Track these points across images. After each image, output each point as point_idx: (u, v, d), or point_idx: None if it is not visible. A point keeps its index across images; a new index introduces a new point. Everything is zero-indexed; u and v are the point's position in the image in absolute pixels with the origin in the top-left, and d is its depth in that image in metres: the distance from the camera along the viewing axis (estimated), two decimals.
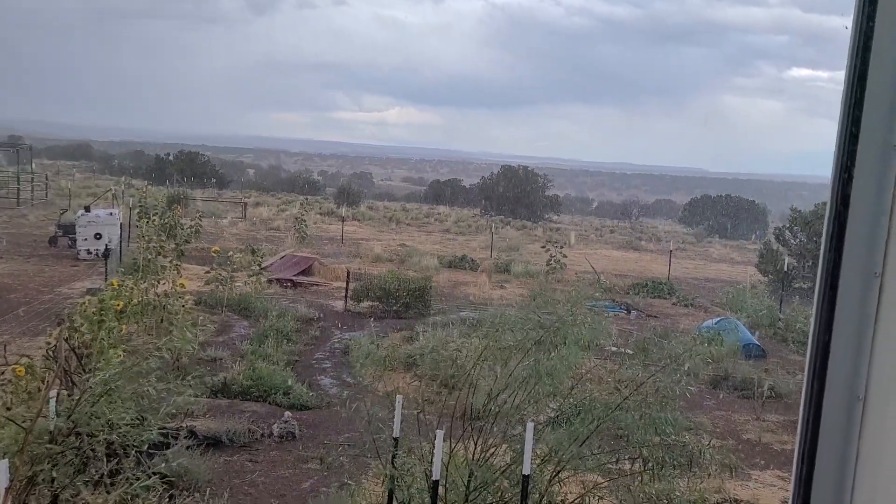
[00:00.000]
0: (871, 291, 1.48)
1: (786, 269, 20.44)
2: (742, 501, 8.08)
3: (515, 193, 50.62)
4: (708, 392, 12.82)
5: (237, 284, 16.78)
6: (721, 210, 53.67)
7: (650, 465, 5.70)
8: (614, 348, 11.49)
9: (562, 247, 25.66)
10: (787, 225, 24.63)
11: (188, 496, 7.40)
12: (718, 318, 17.33)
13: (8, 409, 5.22)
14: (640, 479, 5.89)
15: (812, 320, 1.54)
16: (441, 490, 5.90)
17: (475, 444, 6.15)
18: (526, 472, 5.02)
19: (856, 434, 1.51)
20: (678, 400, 6.40)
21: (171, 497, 7.19)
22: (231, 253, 17.87)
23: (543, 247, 25.68)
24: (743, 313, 18.75)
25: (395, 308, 17.19)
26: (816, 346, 1.53)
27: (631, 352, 11.06)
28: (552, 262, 24.60)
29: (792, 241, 23.81)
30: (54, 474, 5.14)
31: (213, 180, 56.31)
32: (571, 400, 6.07)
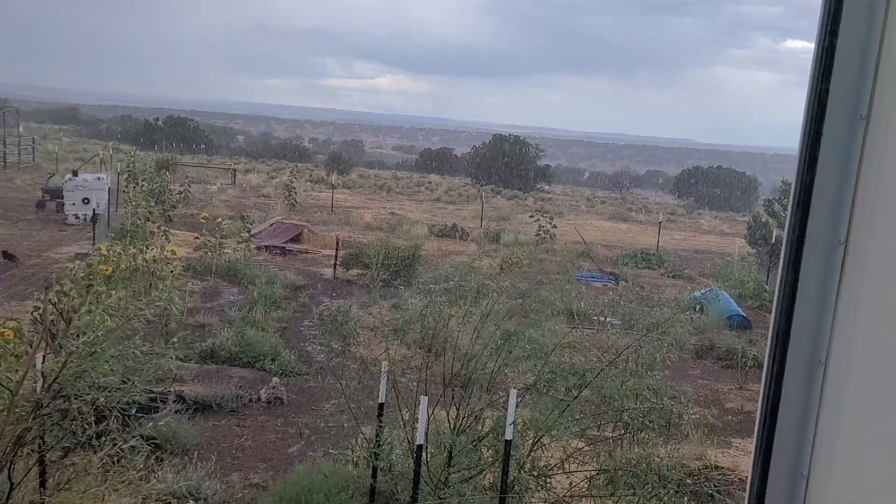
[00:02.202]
0: (835, 258, 1.52)
1: (774, 241, 20.59)
2: (722, 467, 8.24)
3: (506, 163, 50.46)
4: (693, 362, 12.98)
5: (226, 251, 16.75)
6: (712, 182, 53.77)
7: (630, 430, 5.81)
8: (601, 318, 11.62)
9: (552, 217, 25.71)
10: (777, 197, 24.75)
11: (177, 458, 7.49)
12: (705, 289, 17.49)
13: None
14: (620, 444, 6.01)
15: (776, 285, 1.58)
16: (425, 455, 6.00)
17: (458, 411, 6.24)
18: (508, 437, 5.11)
19: (816, 397, 1.56)
20: (662, 368, 6.51)
21: (158, 459, 7.27)
22: (220, 219, 17.81)
23: (532, 216, 25.72)
24: (730, 284, 18.90)
25: (383, 276, 17.23)
26: (780, 310, 1.56)
27: (617, 321, 11.20)
28: (541, 232, 24.67)
29: (781, 213, 23.95)
30: (41, 435, 5.18)
31: (203, 146, 55.89)
32: (554, 367, 6.15)
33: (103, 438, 5.40)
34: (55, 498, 5.33)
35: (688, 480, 5.63)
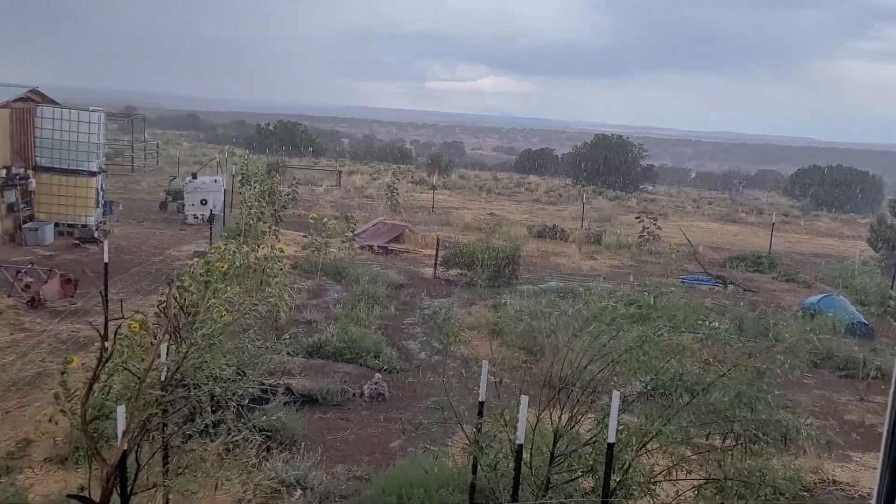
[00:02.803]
0: None
1: None
2: (841, 482, 7.78)
3: (609, 163, 49.42)
4: (808, 371, 12.33)
5: (331, 250, 17.30)
6: (831, 181, 50.67)
7: (742, 440, 5.59)
8: (708, 322, 11.20)
9: (655, 218, 25.03)
10: None
11: (285, 449, 7.80)
12: (822, 295, 16.55)
13: (123, 360, 5.64)
14: (730, 454, 5.78)
15: None
16: (526, 455, 5.99)
17: (561, 412, 6.19)
18: (611, 440, 5.03)
19: None
20: (775, 377, 6.22)
21: (268, 449, 7.61)
22: (326, 220, 18.39)
23: (636, 217, 25.12)
24: (850, 290, 17.81)
25: (483, 276, 17.30)
26: None
27: (725, 326, 10.77)
28: (645, 233, 24.06)
29: None
30: (165, 422, 5.54)
31: (310, 149, 57.77)
32: (661, 374, 5.99)
33: (219, 427, 5.71)
34: (176, 480, 5.67)
35: (804, 493, 5.35)
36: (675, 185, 61.50)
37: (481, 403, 6.22)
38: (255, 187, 20.84)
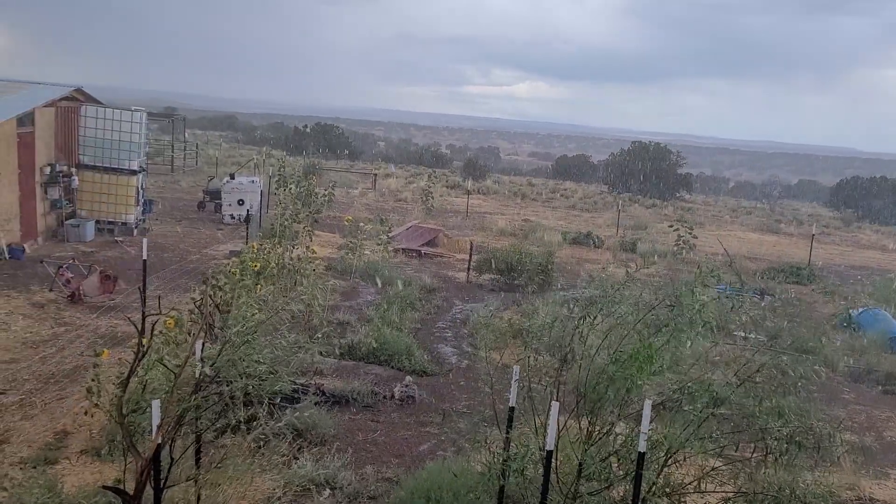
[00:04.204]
0: None
1: None
2: (878, 500, 7.59)
3: (645, 170, 48.98)
4: (847, 385, 12.06)
5: (366, 252, 17.41)
6: (874, 193, 49.50)
7: (773, 452, 5.49)
8: (742, 334, 11.05)
9: (691, 227, 24.72)
10: None
11: (315, 448, 7.87)
12: (863, 308, 16.17)
13: (159, 356, 5.76)
14: (763, 466, 5.68)
15: None
16: (555, 462, 5.96)
17: (590, 420, 6.14)
18: (641, 449, 4.98)
19: None
20: (808, 389, 6.10)
21: (299, 448, 7.68)
22: (361, 222, 18.52)
23: (671, 226, 24.85)
24: (893, 304, 17.37)
25: (516, 281, 17.26)
26: None
27: (761, 337, 10.60)
28: (680, 242, 23.78)
29: None
30: (198, 417, 5.63)
31: (346, 151, 58.27)
32: (691, 382, 5.92)
33: (251, 424, 5.79)
34: (208, 475, 5.76)
35: None
36: (712, 194, 60.67)
37: (511, 409, 6.21)
38: (291, 189, 21.08)
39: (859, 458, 7.62)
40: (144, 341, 5.41)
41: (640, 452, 4.96)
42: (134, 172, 18.67)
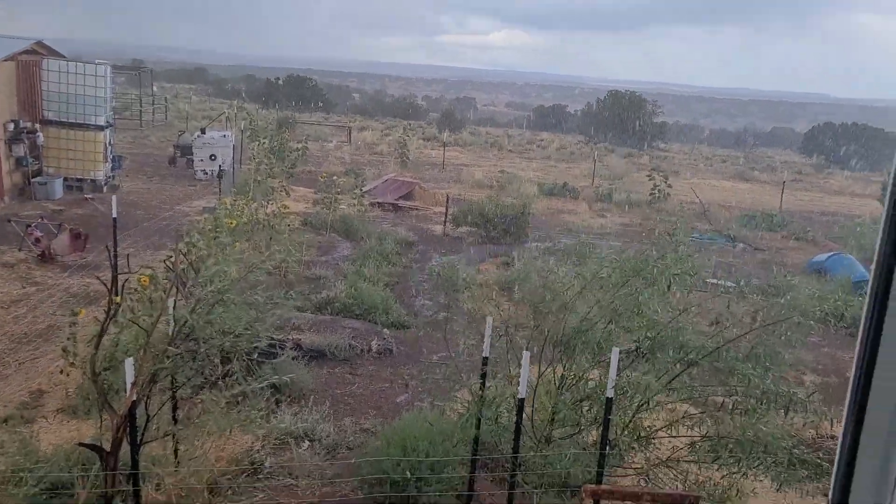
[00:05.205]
0: None
1: None
2: (838, 436, 7.86)
3: (621, 120, 48.89)
4: (815, 328, 12.36)
5: (341, 207, 17.32)
6: (845, 139, 49.96)
7: (742, 397, 5.65)
8: (714, 280, 11.23)
9: (667, 176, 24.87)
10: None
11: (293, 403, 7.95)
12: (831, 253, 16.49)
13: (132, 314, 5.73)
14: (730, 411, 5.85)
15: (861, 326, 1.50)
16: (529, 410, 6.09)
17: (564, 369, 6.26)
18: (609, 395, 5.10)
19: None
20: (779, 335, 6.25)
21: (277, 402, 7.75)
22: (335, 176, 18.38)
23: (648, 175, 24.98)
24: (859, 248, 17.73)
25: (492, 234, 17.32)
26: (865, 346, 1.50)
27: (731, 284, 10.78)
28: (655, 191, 23.94)
29: None
30: (173, 374, 5.65)
31: (320, 104, 57.35)
32: (664, 331, 6.04)
33: (228, 379, 5.82)
34: (185, 431, 5.81)
35: (795, 451, 5.43)
36: (688, 143, 60.84)
37: (485, 359, 6.30)
38: (264, 143, 20.80)
39: (822, 398, 7.87)
40: (117, 300, 5.38)
41: (607, 398, 5.08)
42: (101, 128, 18.28)
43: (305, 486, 6.46)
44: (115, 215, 10.25)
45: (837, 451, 1.57)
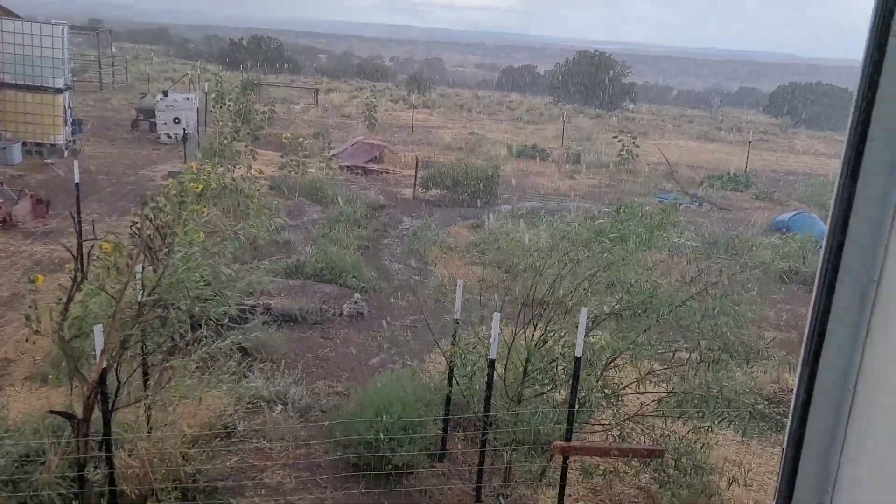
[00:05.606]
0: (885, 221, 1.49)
1: None
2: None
3: (591, 81, 48.85)
4: (776, 285, 12.65)
5: (310, 170, 17.16)
6: (810, 99, 50.55)
7: (706, 353, 5.80)
8: (680, 240, 11.39)
9: (635, 137, 25.01)
10: None
11: (265, 366, 7.96)
12: (794, 212, 16.81)
13: (100, 281, 5.67)
14: (696, 367, 6.01)
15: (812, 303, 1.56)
16: (500, 370, 6.18)
17: (535, 330, 6.35)
18: (578, 354, 5.19)
19: (867, 314, 1.55)
20: (741, 292, 6.40)
21: (248, 366, 7.76)
22: (302, 139, 18.16)
23: (615, 137, 25.09)
24: (822, 207, 18.10)
25: (462, 196, 17.33)
26: (812, 332, 1.56)
27: (696, 244, 10.97)
28: (624, 152, 24.08)
29: None
30: (143, 340, 5.62)
31: (286, 66, 56.34)
32: (631, 290, 6.14)
33: (199, 344, 5.81)
34: (157, 395, 5.80)
35: (758, 405, 5.62)
36: (656, 104, 61.07)
37: (456, 321, 6.37)
38: (229, 106, 20.43)
39: (783, 353, 8.10)
40: (83, 268, 5.31)
41: (576, 357, 5.18)
42: (59, 90, 17.77)
43: (279, 449, 6.52)
44: (77, 180, 10.05)
45: (782, 453, 1.65)
